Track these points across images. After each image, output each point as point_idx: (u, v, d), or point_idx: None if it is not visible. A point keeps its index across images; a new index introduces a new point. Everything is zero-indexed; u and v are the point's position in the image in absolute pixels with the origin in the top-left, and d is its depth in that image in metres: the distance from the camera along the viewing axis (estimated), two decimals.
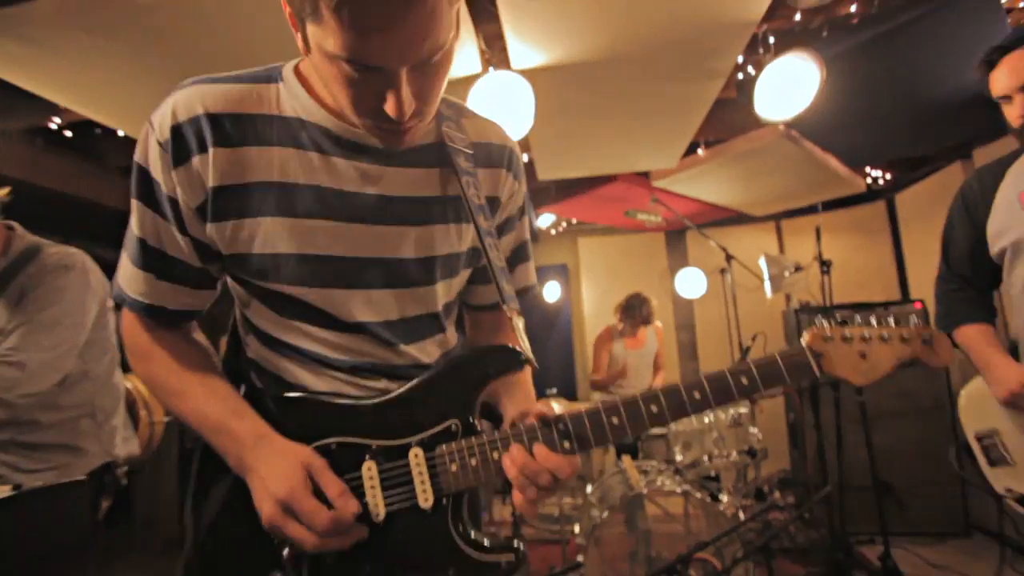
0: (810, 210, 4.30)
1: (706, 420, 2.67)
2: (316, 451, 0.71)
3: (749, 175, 3.31)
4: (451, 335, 0.87)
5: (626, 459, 2.52)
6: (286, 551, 0.70)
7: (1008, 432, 1.25)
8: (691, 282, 4.11)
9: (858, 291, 3.91)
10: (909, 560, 2.65)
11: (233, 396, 0.75)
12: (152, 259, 0.73)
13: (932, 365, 0.78)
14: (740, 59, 2.14)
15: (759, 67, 2.11)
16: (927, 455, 2.91)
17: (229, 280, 0.79)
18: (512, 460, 0.69)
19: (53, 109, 2.42)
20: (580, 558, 2.10)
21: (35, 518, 0.89)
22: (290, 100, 0.72)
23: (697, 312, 4.80)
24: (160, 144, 0.68)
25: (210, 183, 0.69)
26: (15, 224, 1.50)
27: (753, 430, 2.65)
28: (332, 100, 0.71)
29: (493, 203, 0.84)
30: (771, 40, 2.10)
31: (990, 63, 1.31)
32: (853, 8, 2.04)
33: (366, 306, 0.76)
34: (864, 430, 2.54)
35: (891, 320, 0.78)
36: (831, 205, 4.26)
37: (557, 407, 2.33)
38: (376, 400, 0.75)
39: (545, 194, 3.79)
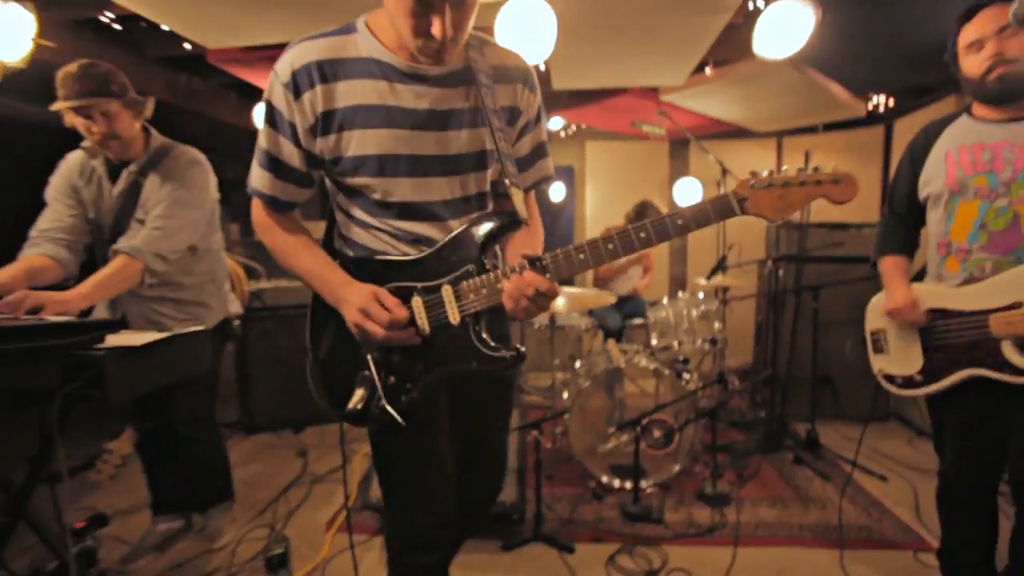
0: (811, 129, 4.46)
1: (682, 313, 3.14)
2: None
3: (753, 96, 3.48)
4: (480, 206, 1.14)
5: (611, 342, 3.01)
6: (369, 356, 1.04)
7: (890, 331, 1.69)
8: (689, 191, 4.35)
9: (839, 210, 4.18)
10: (832, 436, 3.23)
11: (325, 255, 1.08)
12: (273, 165, 1.04)
13: (836, 200, 0.93)
14: None
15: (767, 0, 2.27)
16: (865, 355, 3.42)
17: (327, 180, 1.10)
18: (508, 282, 0.97)
19: (103, 2, 2.57)
20: (566, 416, 2.62)
21: (186, 352, 1.23)
22: (365, 44, 1.01)
23: None
24: (284, 85, 0.98)
25: (320, 108, 0.99)
26: (149, 126, 1.84)
27: (717, 325, 3.15)
28: (393, 39, 0.99)
29: (512, 111, 1.10)
30: None
31: (967, 16, 1.41)
32: None
33: (423, 189, 1.05)
34: (813, 331, 3.04)
35: (811, 167, 0.92)
36: (831, 126, 4.42)
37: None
38: (418, 256, 1.06)
39: (558, 99, 3.93)
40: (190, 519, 2.15)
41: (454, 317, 1.03)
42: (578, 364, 2.95)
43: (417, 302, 1.04)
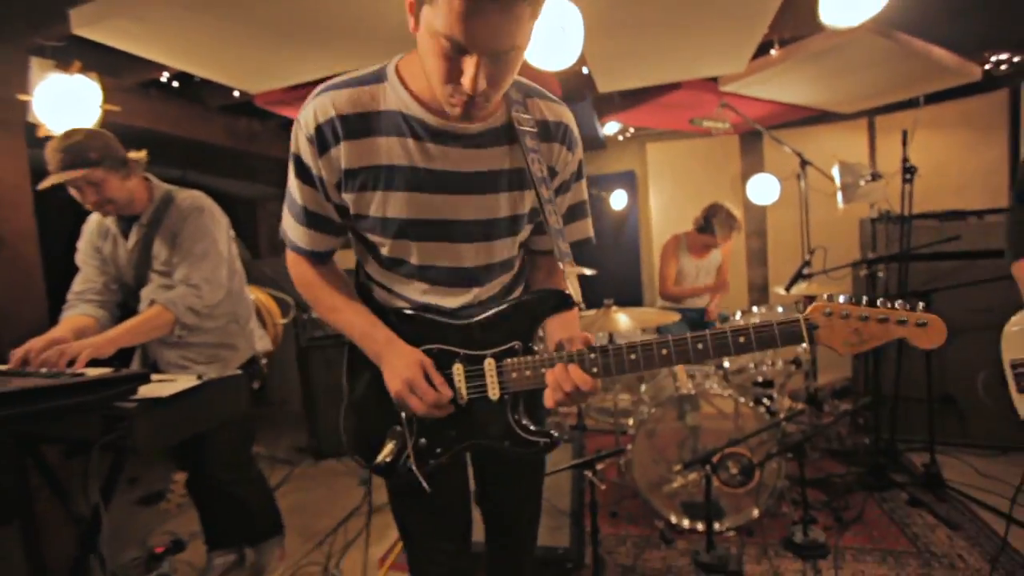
0: (910, 104, 3.85)
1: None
2: (424, 352, 1.01)
3: (832, 73, 3.04)
4: (514, 276, 1.13)
5: (679, 366, 2.72)
6: (403, 414, 1.03)
7: None
8: (763, 188, 3.98)
9: (955, 197, 3.60)
10: (958, 468, 2.72)
11: (368, 312, 1.05)
12: (310, 219, 1.02)
13: (921, 347, 0.86)
14: None
15: None
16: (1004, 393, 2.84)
17: (351, 232, 1.07)
18: (552, 372, 0.94)
19: (162, 65, 2.75)
20: (629, 447, 2.41)
21: (218, 399, 1.25)
22: (394, 96, 0.94)
23: (770, 219, 4.66)
24: (308, 139, 0.93)
25: (343, 166, 0.94)
26: (150, 176, 1.86)
27: (804, 345, 2.74)
28: (425, 88, 0.92)
29: (551, 171, 1.03)
30: None
31: None
32: None
33: (447, 255, 1.01)
34: None
35: (897, 303, 0.86)
36: (936, 97, 3.78)
37: (602, 336, 2.53)
38: (464, 322, 1.02)
39: (608, 102, 3.70)
40: (243, 552, 2.21)
41: (494, 393, 1.00)
42: (643, 388, 2.76)
43: (459, 370, 1.02)
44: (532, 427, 1.01)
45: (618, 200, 4.86)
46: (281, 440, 3.73)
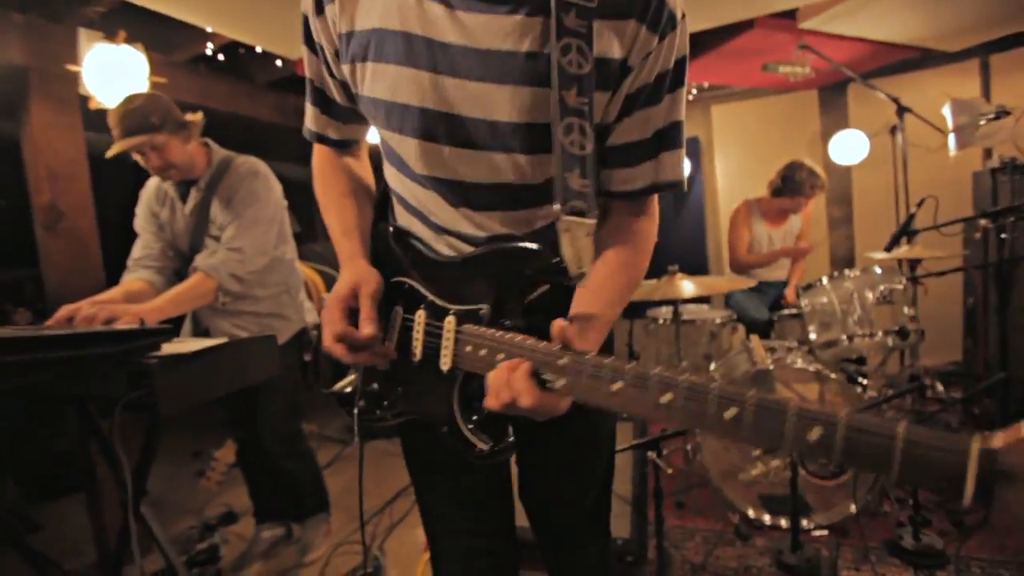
0: None
1: (851, 296, 2.41)
2: (394, 284, 0.83)
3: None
4: (540, 215, 0.80)
5: (754, 338, 2.41)
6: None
7: None
8: (849, 146, 3.57)
9: None
10: None
11: (352, 217, 0.87)
12: (315, 95, 0.86)
13: None
14: None
15: None
16: None
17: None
18: (497, 370, 0.64)
19: (205, 36, 2.71)
20: (698, 430, 2.14)
21: (246, 360, 1.19)
22: None
23: (856, 181, 4.16)
24: None
25: (340, 29, 0.76)
26: (210, 141, 1.86)
27: (907, 310, 2.33)
28: None
29: (608, 67, 0.70)
30: None
31: None
32: None
33: (433, 160, 0.76)
34: None
35: None
36: None
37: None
38: (440, 259, 0.81)
39: None
40: (290, 528, 2.22)
41: (445, 361, 0.75)
42: (713, 367, 2.52)
43: (421, 319, 0.79)
44: (475, 418, 0.74)
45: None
46: (333, 420, 3.69)
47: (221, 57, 3.02)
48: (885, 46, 3.20)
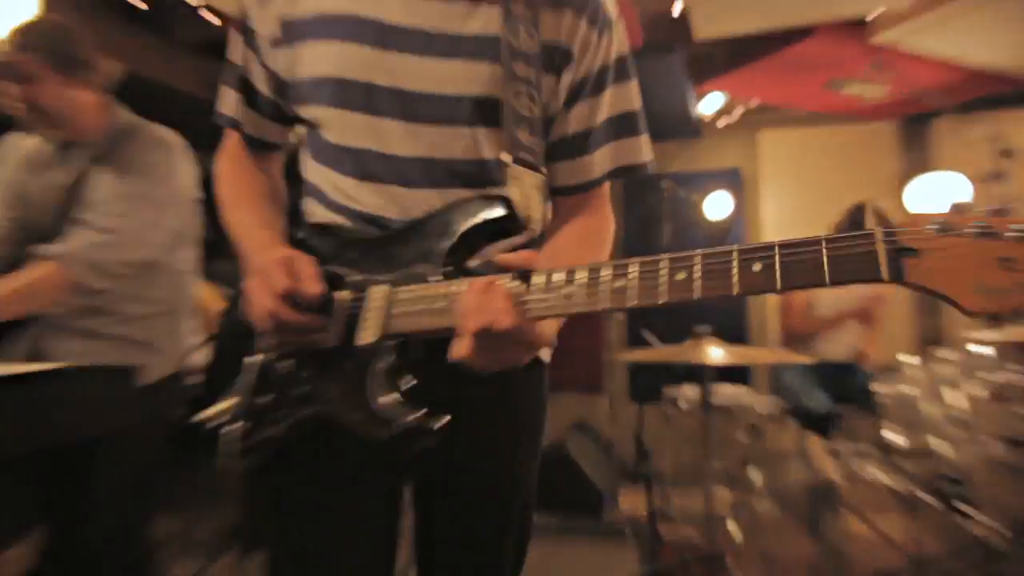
0: None
1: (944, 387, 2.07)
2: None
3: None
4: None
5: (813, 437, 1.97)
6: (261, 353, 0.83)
7: None
8: (936, 191, 3.21)
9: None
10: None
11: (268, 214, 0.91)
12: (239, 81, 0.91)
13: None
14: None
15: None
16: None
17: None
18: (467, 292, 0.68)
19: None
20: (728, 561, 1.82)
21: (87, 395, 0.98)
22: None
23: None
24: None
25: (282, 11, 0.84)
26: (115, 104, 1.55)
27: None
28: None
29: (553, 52, 0.85)
30: None
31: None
32: None
33: (374, 134, 0.84)
34: None
35: None
36: None
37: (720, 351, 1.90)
38: (368, 237, 0.85)
39: (708, 63, 3.03)
40: None
41: (366, 335, 0.75)
42: (754, 474, 2.29)
43: (344, 299, 0.80)
44: (393, 396, 0.75)
45: (716, 206, 4.09)
46: (208, 515, 2.30)
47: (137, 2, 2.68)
48: (980, 74, 2.84)
